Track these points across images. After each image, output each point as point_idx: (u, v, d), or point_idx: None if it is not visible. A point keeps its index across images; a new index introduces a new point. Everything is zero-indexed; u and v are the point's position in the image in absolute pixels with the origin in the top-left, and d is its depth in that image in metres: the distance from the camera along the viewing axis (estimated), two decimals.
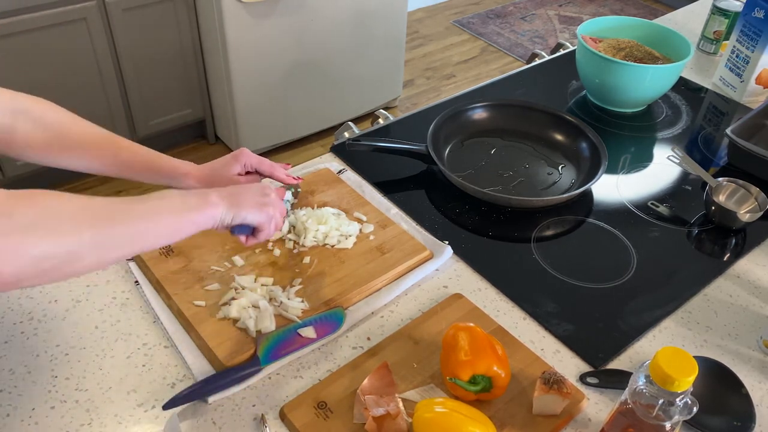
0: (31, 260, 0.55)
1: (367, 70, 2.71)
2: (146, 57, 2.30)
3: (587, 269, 1.01)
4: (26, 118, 0.81)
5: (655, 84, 1.34)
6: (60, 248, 0.57)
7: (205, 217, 0.74)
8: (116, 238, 0.63)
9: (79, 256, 0.60)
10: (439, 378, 0.82)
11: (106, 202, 0.64)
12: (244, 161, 0.97)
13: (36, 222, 0.56)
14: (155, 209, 0.68)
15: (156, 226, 0.68)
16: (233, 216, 0.77)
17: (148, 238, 0.67)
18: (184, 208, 0.71)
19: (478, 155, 1.24)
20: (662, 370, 0.64)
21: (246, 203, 0.78)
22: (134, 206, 0.67)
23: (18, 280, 0.55)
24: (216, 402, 0.79)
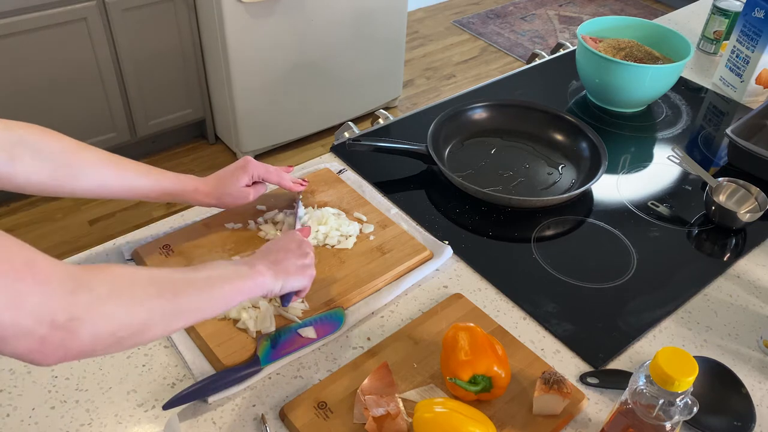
0: (110, 330, 0.57)
1: (367, 70, 2.71)
2: (146, 57, 2.30)
3: (587, 269, 1.01)
4: (24, 150, 0.77)
5: (655, 84, 1.34)
6: (135, 318, 0.60)
7: (255, 286, 0.77)
8: (181, 308, 0.66)
9: (150, 325, 0.62)
10: (439, 378, 0.82)
11: (167, 274, 0.67)
12: (252, 172, 0.96)
13: (113, 293, 0.58)
14: (211, 280, 0.71)
15: (214, 297, 0.71)
16: (282, 286, 0.80)
17: (207, 308, 0.70)
18: (236, 278, 0.74)
19: (478, 155, 1.24)
20: (662, 370, 0.64)
21: (290, 271, 0.82)
22: (192, 277, 0.69)
23: (93, 350, 0.57)
24: (216, 402, 0.79)
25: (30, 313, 0.51)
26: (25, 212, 2.33)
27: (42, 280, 0.52)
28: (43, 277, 0.52)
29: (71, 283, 0.54)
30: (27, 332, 0.51)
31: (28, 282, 0.51)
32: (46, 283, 0.52)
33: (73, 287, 0.54)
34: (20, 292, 0.51)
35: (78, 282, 0.55)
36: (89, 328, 0.55)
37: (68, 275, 0.55)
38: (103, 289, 0.57)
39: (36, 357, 0.54)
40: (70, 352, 0.55)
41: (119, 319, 0.58)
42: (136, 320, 0.60)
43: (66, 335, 0.53)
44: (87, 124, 2.30)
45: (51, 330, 0.52)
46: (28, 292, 0.51)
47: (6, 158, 0.75)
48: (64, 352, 0.54)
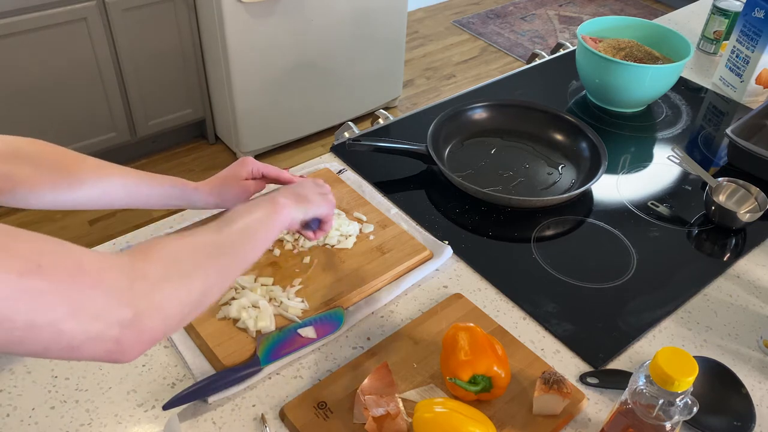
0: (175, 310, 0.57)
1: (367, 70, 2.71)
2: (146, 57, 2.30)
3: (587, 269, 1.01)
4: (23, 162, 0.76)
5: (655, 84, 1.34)
6: (193, 290, 0.60)
7: (283, 219, 0.78)
8: (230, 265, 0.67)
9: (209, 291, 0.63)
10: (439, 378, 0.82)
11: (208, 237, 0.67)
12: (251, 167, 0.96)
13: (167, 274, 0.58)
14: (247, 227, 0.72)
15: (254, 241, 0.72)
16: (305, 211, 0.82)
17: (251, 254, 0.71)
18: (266, 218, 0.75)
19: (478, 155, 1.24)
20: (662, 370, 0.64)
21: (311, 197, 0.84)
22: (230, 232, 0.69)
23: (165, 332, 0.57)
24: (216, 402, 0.79)
25: (95, 317, 0.50)
26: (25, 212, 2.32)
27: (96, 282, 0.51)
28: (97, 278, 0.51)
29: (125, 276, 0.53)
30: (98, 336, 0.51)
31: (83, 286, 0.50)
32: (101, 283, 0.51)
33: (130, 280, 0.53)
34: (79, 299, 0.49)
35: (133, 274, 0.54)
36: (156, 315, 0.55)
37: (119, 269, 0.53)
38: (156, 273, 0.56)
39: (116, 357, 0.53)
40: (146, 343, 0.54)
41: (180, 297, 0.58)
42: (195, 291, 0.60)
43: (137, 330, 0.53)
44: (87, 124, 2.30)
45: (121, 329, 0.52)
46: (87, 297, 0.50)
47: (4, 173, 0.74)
48: (140, 345, 0.54)
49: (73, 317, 0.49)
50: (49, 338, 0.48)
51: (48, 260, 0.48)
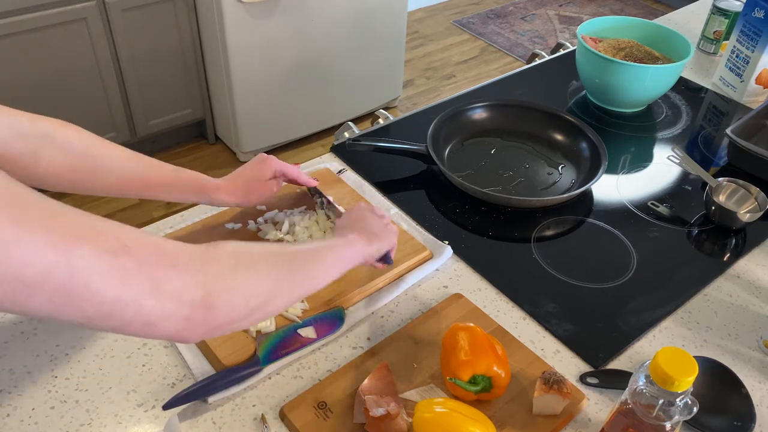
0: (242, 299, 0.60)
1: (367, 70, 2.71)
2: (146, 57, 2.30)
3: (587, 269, 1.01)
4: (48, 143, 0.77)
5: (655, 84, 1.34)
6: (262, 287, 0.63)
7: (356, 253, 0.80)
8: (298, 278, 0.69)
9: (276, 294, 0.65)
10: (439, 378, 0.82)
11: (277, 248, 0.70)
12: (274, 167, 0.97)
13: (238, 265, 0.61)
14: (318, 251, 0.74)
15: (323, 266, 0.73)
16: (377, 249, 0.84)
17: (319, 277, 0.73)
18: (339, 247, 0.78)
19: (478, 155, 1.24)
20: (662, 370, 0.64)
21: (379, 233, 0.85)
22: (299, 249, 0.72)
23: (231, 321, 0.60)
24: (216, 402, 0.79)
25: (171, 296, 0.54)
26: None
27: (174, 263, 0.55)
28: (174, 260, 0.55)
29: (199, 260, 0.57)
30: (172, 314, 0.54)
31: (163, 267, 0.54)
32: (179, 264, 0.55)
33: (202, 264, 0.57)
34: (158, 278, 0.53)
35: (205, 259, 0.58)
36: (225, 299, 0.58)
37: (195, 254, 0.57)
38: (228, 262, 0.60)
39: (183, 335, 0.57)
40: (211, 326, 0.58)
41: (248, 289, 0.61)
42: (263, 289, 0.63)
43: (206, 310, 0.56)
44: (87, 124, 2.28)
45: (192, 308, 0.55)
46: (165, 277, 0.54)
47: (30, 150, 0.76)
48: (207, 327, 0.57)
49: (153, 295, 0.53)
50: (132, 314, 0.52)
51: (132, 242, 0.52)
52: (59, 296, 0.48)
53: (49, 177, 0.78)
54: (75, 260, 0.48)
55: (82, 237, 0.49)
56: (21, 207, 0.47)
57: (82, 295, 0.49)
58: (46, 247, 0.47)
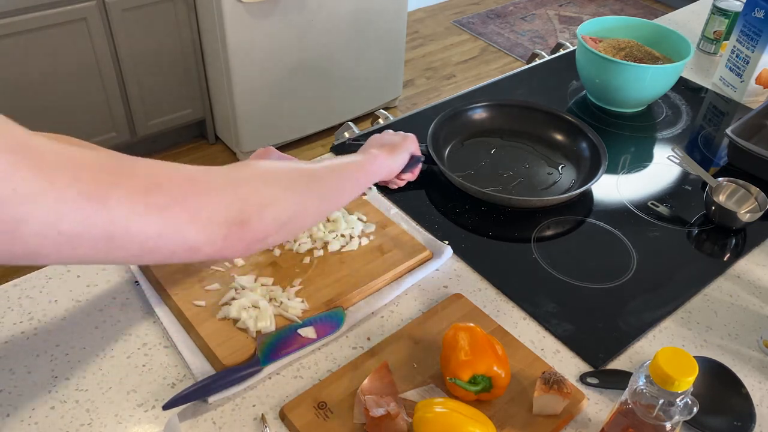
0: (274, 214, 0.63)
1: (367, 70, 2.71)
2: (146, 57, 2.30)
3: (587, 269, 1.01)
4: None
5: (655, 84, 1.34)
6: (291, 201, 0.66)
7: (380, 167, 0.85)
8: (327, 193, 0.73)
9: (305, 209, 0.68)
10: (439, 378, 0.82)
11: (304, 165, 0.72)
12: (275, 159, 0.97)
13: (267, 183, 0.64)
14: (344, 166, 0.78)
15: (349, 181, 0.78)
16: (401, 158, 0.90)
17: (345, 192, 0.77)
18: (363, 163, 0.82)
19: (478, 155, 1.24)
20: (662, 370, 0.64)
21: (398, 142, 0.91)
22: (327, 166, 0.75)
23: (265, 235, 0.63)
24: (216, 402, 0.79)
25: (208, 220, 0.57)
26: None
27: (206, 189, 0.58)
28: (207, 186, 0.58)
29: (230, 182, 0.61)
30: (211, 236, 0.58)
31: (197, 194, 0.57)
32: (210, 190, 0.58)
33: (233, 186, 0.61)
34: (193, 207, 0.56)
35: (234, 179, 0.61)
36: (256, 214, 0.61)
37: (224, 176, 0.61)
38: (257, 180, 0.63)
39: (225, 253, 0.60)
40: (248, 241, 0.61)
41: (279, 203, 0.64)
42: (292, 203, 0.66)
43: (241, 228, 0.60)
44: (87, 124, 2.30)
45: (229, 227, 0.59)
46: (200, 205, 0.57)
47: None
48: (245, 242, 0.61)
49: (191, 223, 0.56)
50: (175, 244, 0.56)
51: (164, 178, 0.55)
52: (103, 243, 0.50)
53: None
54: (111, 207, 0.50)
55: (114, 183, 0.50)
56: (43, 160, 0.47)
57: (125, 237, 0.51)
58: (81, 198, 0.48)
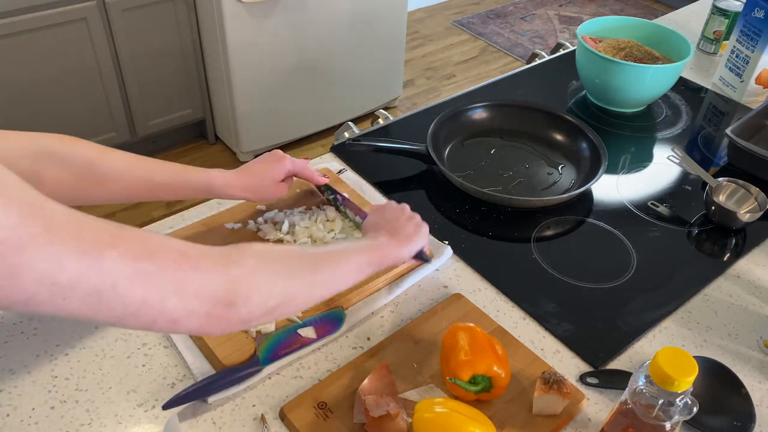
0: (262, 299, 0.63)
1: (367, 70, 2.71)
2: (146, 57, 2.30)
3: (587, 269, 1.01)
4: (51, 159, 0.77)
5: (655, 84, 1.34)
6: (281, 287, 0.66)
7: (385, 256, 0.81)
8: (319, 280, 0.71)
9: (294, 295, 0.68)
10: (439, 378, 0.82)
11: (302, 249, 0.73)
12: (288, 167, 0.97)
13: (260, 266, 0.64)
14: (344, 253, 0.76)
15: (348, 268, 0.75)
16: (409, 251, 0.85)
17: (343, 278, 0.75)
18: (366, 250, 0.79)
19: (478, 155, 1.24)
20: (662, 370, 0.64)
21: (409, 233, 0.86)
22: (325, 251, 0.75)
23: (250, 319, 0.63)
24: (216, 402, 0.79)
25: (194, 295, 0.58)
26: None
27: (197, 264, 0.59)
28: (198, 262, 0.59)
29: (222, 262, 0.61)
30: (194, 312, 0.58)
31: (186, 268, 0.57)
32: (201, 266, 0.59)
33: (225, 266, 0.61)
34: (182, 279, 0.57)
35: (228, 260, 0.61)
36: (245, 299, 0.61)
37: (218, 256, 0.61)
38: (251, 263, 0.63)
39: (206, 330, 0.60)
40: (232, 322, 0.61)
41: (268, 289, 0.64)
42: (282, 290, 0.66)
43: (227, 309, 0.60)
44: (87, 124, 2.30)
45: (213, 306, 0.59)
46: (189, 278, 0.57)
47: (33, 171, 0.76)
48: (228, 323, 0.61)
49: (176, 295, 0.57)
50: (156, 313, 0.56)
51: (156, 248, 0.56)
52: (92, 299, 0.52)
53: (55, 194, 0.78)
54: (104, 265, 0.52)
55: (110, 244, 0.53)
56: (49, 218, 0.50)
57: (111, 297, 0.53)
58: (76, 255, 0.51)
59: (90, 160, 0.81)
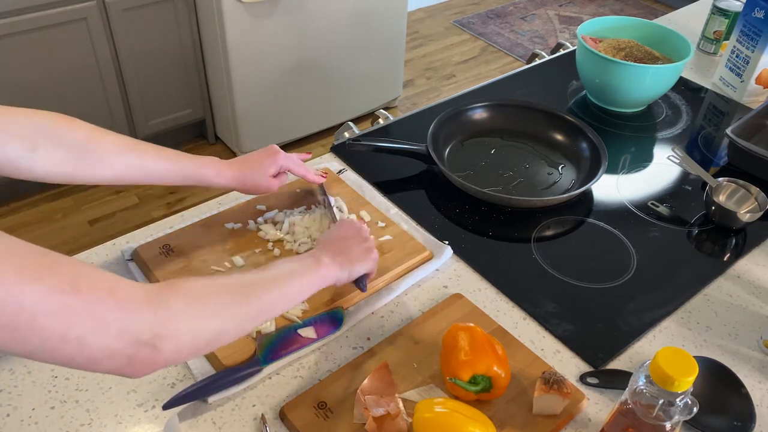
0: (189, 341, 0.61)
1: (367, 70, 2.71)
2: (146, 57, 2.30)
3: (587, 269, 1.01)
4: (45, 138, 0.78)
5: (655, 84, 1.34)
6: (210, 327, 0.64)
7: (322, 278, 0.79)
8: (253, 311, 0.70)
9: (226, 331, 0.66)
10: (439, 378, 0.82)
11: (238, 279, 0.71)
12: (281, 163, 0.97)
13: (189, 307, 0.62)
14: (280, 279, 0.74)
15: (283, 294, 0.74)
16: (349, 274, 0.83)
17: (278, 306, 0.74)
18: (304, 273, 0.77)
19: (478, 155, 1.24)
20: (662, 370, 0.64)
21: (355, 257, 0.85)
22: (262, 278, 0.73)
23: (176, 360, 0.61)
24: (216, 402, 0.79)
25: (116, 336, 0.55)
26: (25, 212, 2.33)
27: (124, 304, 0.56)
28: (125, 302, 0.56)
29: (150, 303, 0.58)
30: (115, 353, 0.56)
31: (111, 308, 0.55)
32: (127, 306, 0.56)
33: (153, 307, 0.58)
34: (106, 319, 0.55)
35: (156, 301, 0.59)
36: (171, 342, 0.59)
37: (146, 296, 0.58)
38: (179, 304, 0.61)
39: (126, 372, 0.58)
40: (156, 365, 0.59)
41: (196, 330, 0.62)
42: (212, 329, 0.64)
43: (150, 351, 0.58)
44: None
45: (137, 348, 0.57)
46: (113, 318, 0.55)
47: (27, 148, 0.76)
48: (151, 366, 0.59)
49: (99, 334, 0.54)
50: (75, 350, 0.53)
51: (85, 283, 0.54)
52: (6, 330, 0.50)
53: (48, 172, 0.79)
54: (24, 297, 0.50)
55: (36, 276, 0.51)
56: None
57: (28, 330, 0.51)
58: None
59: (83, 141, 0.81)
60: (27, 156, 0.76)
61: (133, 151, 0.86)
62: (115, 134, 0.85)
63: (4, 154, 0.75)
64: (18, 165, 0.76)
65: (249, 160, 0.96)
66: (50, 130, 0.79)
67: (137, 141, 0.87)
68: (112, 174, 0.84)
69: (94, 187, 2.44)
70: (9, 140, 0.75)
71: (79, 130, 0.81)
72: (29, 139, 0.76)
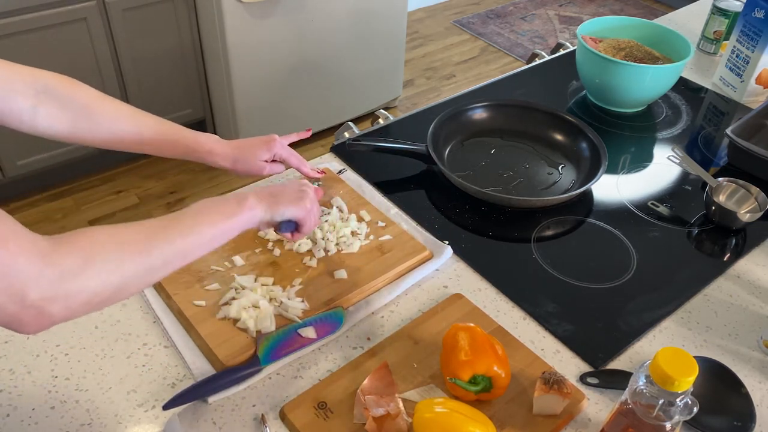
0: (82, 300, 0.58)
1: (367, 70, 2.71)
2: (146, 57, 2.30)
3: (587, 269, 1.01)
4: (49, 97, 0.81)
5: (655, 84, 1.34)
6: (108, 284, 0.60)
7: (243, 221, 0.76)
8: (160, 261, 0.65)
9: (126, 286, 0.62)
10: (439, 378, 0.82)
11: (145, 229, 0.66)
12: (275, 150, 0.98)
13: (84, 265, 0.58)
14: (193, 226, 0.70)
15: (198, 240, 0.70)
16: (272, 215, 0.80)
17: (191, 253, 0.70)
18: (221, 218, 0.74)
19: (478, 155, 1.24)
20: (662, 370, 0.64)
21: (284, 200, 0.82)
22: (173, 226, 0.68)
23: (68, 318, 0.58)
24: (216, 402, 0.79)
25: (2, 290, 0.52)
26: (25, 212, 2.33)
27: (11, 259, 0.53)
28: (14, 256, 0.53)
29: (38, 261, 0.55)
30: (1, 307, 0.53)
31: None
32: (14, 261, 0.53)
33: (40, 267, 0.55)
34: None
35: (48, 259, 0.56)
36: (58, 303, 0.56)
37: (39, 252, 0.55)
38: (73, 262, 0.57)
39: (14, 328, 0.56)
40: (43, 326, 0.56)
41: (91, 289, 0.59)
42: (110, 285, 0.60)
43: (36, 312, 0.55)
44: None
45: (22, 308, 0.54)
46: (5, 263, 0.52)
47: (30, 105, 0.80)
48: (37, 325, 0.56)
49: None
50: None
51: None
52: None
53: (48, 129, 0.82)
54: None
55: None
56: None
57: None
58: None
59: (86, 104, 0.85)
60: (31, 111, 0.80)
61: (133, 118, 0.89)
62: (118, 101, 0.88)
63: (9, 108, 0.78)
64: (21, 118, 0.80)
65: (245, 143, 0.97)
66: (55, 89, 0.82)
67: (138, 110, 0.90)
68: (109, 139, 0.87)
69: (94, 187, 2.44)
70: (16, 95, 0.78)
71: (82, 93, 0.85)
72: (33, 96, 0.80)
